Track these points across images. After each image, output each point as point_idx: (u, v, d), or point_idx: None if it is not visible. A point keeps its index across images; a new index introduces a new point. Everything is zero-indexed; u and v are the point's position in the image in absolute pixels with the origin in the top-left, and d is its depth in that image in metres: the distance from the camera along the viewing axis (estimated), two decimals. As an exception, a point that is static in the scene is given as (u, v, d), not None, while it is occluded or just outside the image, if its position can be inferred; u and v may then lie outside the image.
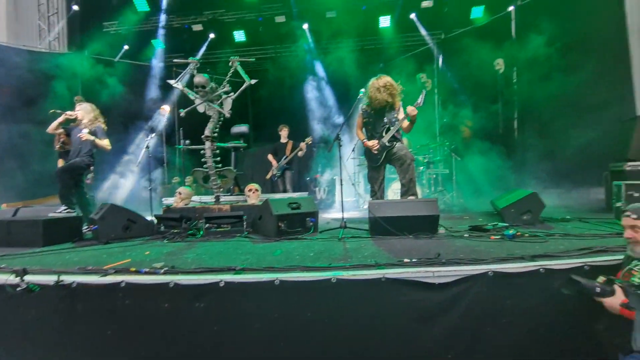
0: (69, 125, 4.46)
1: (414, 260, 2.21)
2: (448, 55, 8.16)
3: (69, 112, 4.29)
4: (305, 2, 8.51)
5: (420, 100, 3.75)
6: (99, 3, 8.89)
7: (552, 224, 3.61)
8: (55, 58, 8.26)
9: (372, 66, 8.92)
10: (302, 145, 6.48)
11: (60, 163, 5.27)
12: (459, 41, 7.83)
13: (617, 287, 1.70)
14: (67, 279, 2.11)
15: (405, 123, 3.81)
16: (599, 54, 5.80)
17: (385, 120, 3.90)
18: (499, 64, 7.14)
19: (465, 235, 3.15)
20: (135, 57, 9.27)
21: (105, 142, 4.48)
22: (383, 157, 3.91)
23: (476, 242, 2.85)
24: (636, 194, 3.32)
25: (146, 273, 2.17)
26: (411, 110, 3.70)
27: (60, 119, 4.29)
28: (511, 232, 2.93)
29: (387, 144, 3.86)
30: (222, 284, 2.03)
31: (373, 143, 3.90)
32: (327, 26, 8.64)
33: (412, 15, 8.40)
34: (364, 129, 4.12)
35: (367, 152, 4.05)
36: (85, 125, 4.35)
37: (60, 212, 4.05)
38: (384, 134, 3.89)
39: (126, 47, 8.96)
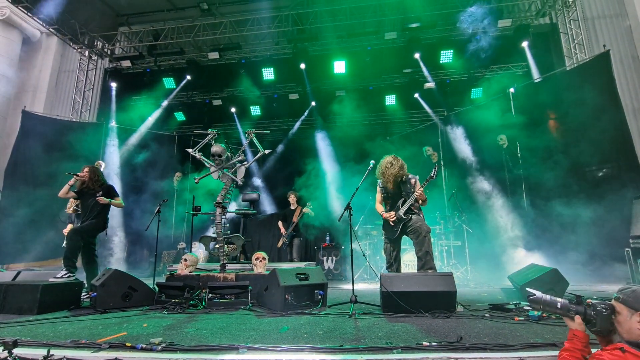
0: (77, 188, 4.50)
1: (434, 343, 2.02)
2: (452, 130, 8.54)
3: (79, 174, 4.43)
4: (317, 82, 9.33)
5: (433, 173, 3.85)
6: (130, 80, 9.90)
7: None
8: (83, 127, 8.91)
9: (380, 138, 9.35)
10: (296, 214, 6.49)
11: (68, 228, 5.29)
12: (461, 118, 8.28)
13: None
14: (58, 353, 1.95)
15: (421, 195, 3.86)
16: (600, 132, 5.98)
17: (403, 193, 3.96)
18: (502, 140, 7.36)
19: (487, 315, 2.91)
20: (158, 127, 9.94)
21: (119, 201, 4.60)
22: (399, 229, 3.88)
23: (499, 324, 2.63)
24: (665, 273, 3.13)
25: (142, 349, 2.02)
26: (420, 190, 3.82)
27: (70, 182, 4.41)
28: (536, 313, 2.71)
29: (403, 216, 3.86)
30: (223, 366, 1.85)
31: (390, 214, 3.91)
32: (336, 103, 9.31)
33: (416, 95, 9.08)
34: (383, 204, 4.16)
35: (384, 224, 4.05)
36: (94, 189, 4.45)
37: (60, 277, 3.94)
38: (400, 206, 3.91)
39: (150, 119, 9.68)
